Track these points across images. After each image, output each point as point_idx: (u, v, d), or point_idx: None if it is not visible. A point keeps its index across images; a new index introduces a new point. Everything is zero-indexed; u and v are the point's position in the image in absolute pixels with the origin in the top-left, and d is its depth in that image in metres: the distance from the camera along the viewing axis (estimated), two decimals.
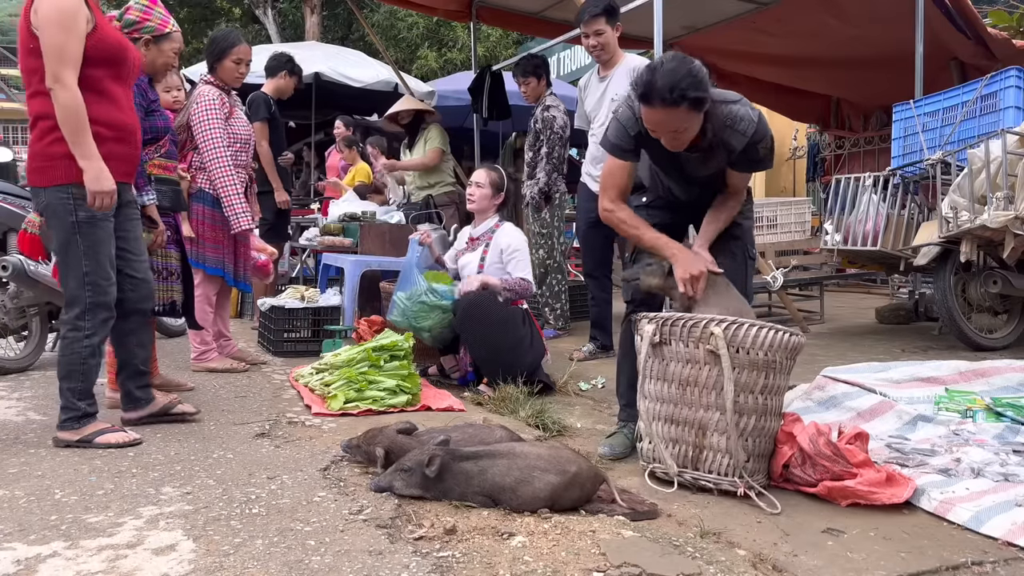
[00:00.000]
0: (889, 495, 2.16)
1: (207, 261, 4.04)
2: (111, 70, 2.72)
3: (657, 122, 2.38)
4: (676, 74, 2.28)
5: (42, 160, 2.69)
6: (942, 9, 5.89)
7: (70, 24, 2.56)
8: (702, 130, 2.44)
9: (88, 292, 2.71)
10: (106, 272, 2.74)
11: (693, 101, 2.29)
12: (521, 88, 5.23)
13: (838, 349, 4.55)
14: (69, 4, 2.57)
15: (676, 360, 2.33)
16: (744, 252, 2.77)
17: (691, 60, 2.36)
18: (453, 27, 15.78)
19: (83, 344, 2.72)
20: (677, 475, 2.32)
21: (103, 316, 2.75)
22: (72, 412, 2.73)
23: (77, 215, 2.67)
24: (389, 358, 3.45)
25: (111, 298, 2.77)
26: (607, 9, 4.17)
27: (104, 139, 2.68)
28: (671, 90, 2.27)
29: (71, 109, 2.58)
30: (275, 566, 1.78)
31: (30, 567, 1.79)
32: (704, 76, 2.33)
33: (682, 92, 2.27)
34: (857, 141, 8.57)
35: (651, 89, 2.30)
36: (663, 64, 2.34)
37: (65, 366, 2.74)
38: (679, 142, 2.44)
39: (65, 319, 2.76)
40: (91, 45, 2.63)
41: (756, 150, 2.49)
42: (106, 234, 2.75)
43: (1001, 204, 3.92)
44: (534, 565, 1.77)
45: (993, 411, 2.88)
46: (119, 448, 2.70)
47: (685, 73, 2.29)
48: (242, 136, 4.16)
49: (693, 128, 2.40)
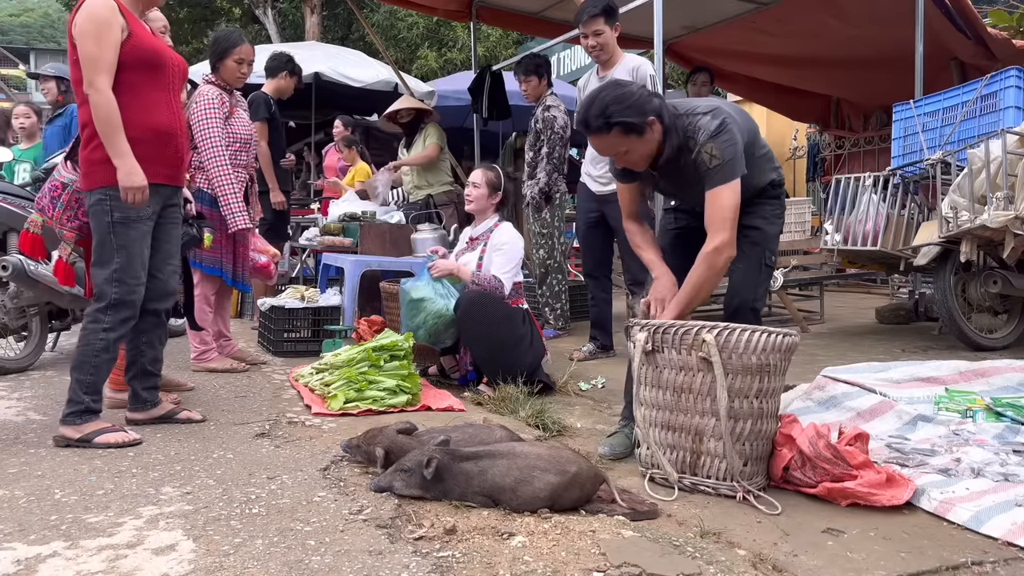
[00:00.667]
0: (889, 497, 2.16)
1: (204, 261, 4.03)
2: (148, 75, 2.80)
3: (597, 147, 2.51)
4: (604, 102, 2.41)
5: (86, 166, 2.82)
6: (942, 9, 5.89)
7: (103, 32, 2.69)
8: (662, 146, 2.50)
9: (115, 288, 2.79)
10: (135, 272, 2.82)
11: (622, 125, 2.39)
12: (522, 87, 5.23)
13: (838, 349, 4.56)
14: (102, 14, 2.70)
15: (670, 367, 2.33)
16: (760, 259, 2.69)
17: (628, 85, 2.47)
18: (453, 27, 15.79)
19: (99, 337, 2.78)
20: (677, 481, 2.32)
21: (124, 315, 2.82)
22: (76, 405, 2.77)
23: (113, 215, 2.79)
24: (389, 358, 3.45)
25: (137, 298, 2.83)
26: (605, 9, 4.17)
27: (141, 142, 2.78)
28: (598, 117, 2.40)
29: (103, 110, 2.69)
30: (275, 566, 1.78)
31: (30, 567, 1.79)
32: (639, 100, 2.40)
33: (608, 118, 2.39)
34: (857, 141, 8.57)
35: (583, 118, 2.45)
36: (599, 93, 2.45)
37: (79, 356, 2.80)
38: (630, 162, 2.53)
39: (88, 311, 2.83)
40: (126, 51, 2.74)
41: (702, 155, 2.43)
42: (139, 235, 2.83)
43: (1001, 204, 3.92)
44: (534, 565, 1.77)
45: (993, 411, 2.88)
46: (119, 448, 2.70)
47: (613, 100, 2.40)
48: (242, 136, 4.16)
49: (638, 149, 2.47)
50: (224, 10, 17.72)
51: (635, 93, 2.42)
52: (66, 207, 3.19)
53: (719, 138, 2.42)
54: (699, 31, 7.31)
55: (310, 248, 6.66)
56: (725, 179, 2.43)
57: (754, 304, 2.73)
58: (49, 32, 48.49)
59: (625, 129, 2.40)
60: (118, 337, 2.83)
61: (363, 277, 4.88)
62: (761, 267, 2.71)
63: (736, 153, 2.44)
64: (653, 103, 2.43)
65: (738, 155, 2.45)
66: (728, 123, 2.44)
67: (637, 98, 2.40)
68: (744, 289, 2.69)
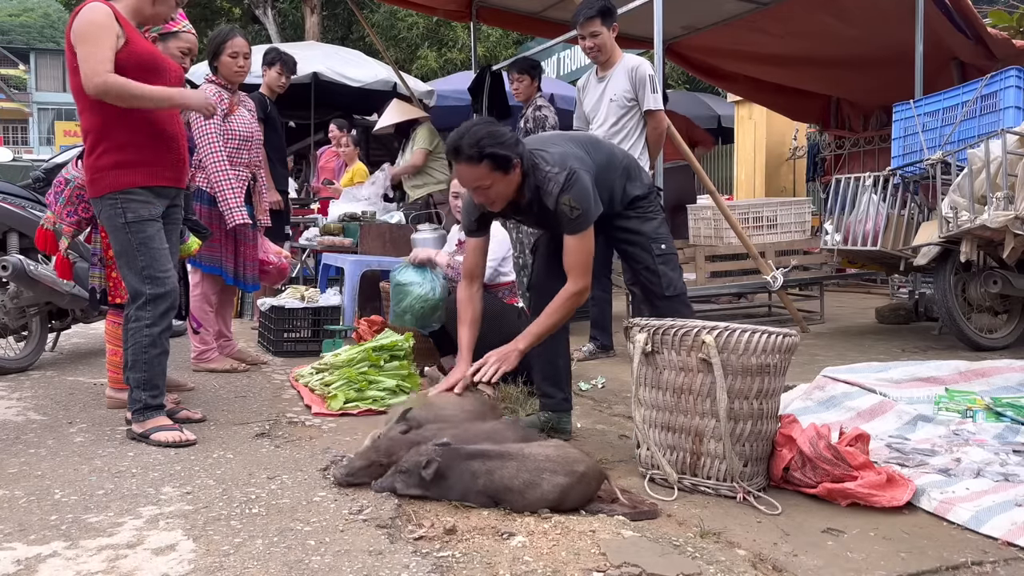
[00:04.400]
0: (889, 498, 2.16)
1: (203, 260, 4.03)
2: (147, 80, 2.81)
3: (462, 177, 2.59)
4: (479, 134, 2.50)
5: (92, 172, 2.85)
6: (942, 9, 5.89)
7: (100, 33, 2.71)
8: (521, 191, 2.61)
9: (148, 285, 2.84)
10: (162, 265, 2.87)
11: (492, 158, 2.48)
12: (513, 85, 5.26)
13: (838, 349, 4.56)
14: (99, 18, 2.72)
15: (669, 368, 2.33)
16: (649, 253, 2.96)
17: (497, 125, 2.60)
18: (453, 27, 15.78)
19: (144, 334, 2.83)
20: (677, 482, 2.32)
21: (163, 307, 2.87)
22: (136, 403, 2.84)
23: (126, 217, 2.82)
24: (389, 358, 3.45)
25: (170, 289, 2.88)
26: (602, 10, 4.17)
27: (143, 146, 2.83)
28: (472, 146, 2.48)
29: (116, 88, 2.69)
30: (275, 566, 1.78)
31: (30, 567, 1.79)
32: (510, 141, 2.53)
33: (480, 149, 2.47)
34: (857, 141, 8.56)
35: (456, 145, 2.53)
36: (473, 124, 2.57)
37: (130, 356, 2.87)
38: (489, 199, 2.61)
39: (128, 312, 2.89)
40: (124, 57, 2.75)
41: (561, 208, 2.57)
42: (155, 231, 2.87)
43: (1001, 204, 3.92)
44: (534, 565, 1.77)
45: (993, 411, 2.88)
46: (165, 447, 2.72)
47: (487, 134, 2.51)
48: (242, 133, 4.15)
49: (499, 187, 2.57)
50: (224, 10, 17.72)
51: (507, 134, 2.55)
52: (67, 202, 3.23)
53: (572, 190, 2.56)
54: (699, 31, 7.31)
55: (310, 248, 6.66)
56: (583, 226, 2.60)
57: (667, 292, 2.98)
58: (49, 32, 48.50)
59: (494, 163, 2.50)
60: (162, 331, 2.88)
61: (363, 277, 4.88)
62: (654, 259, 2.96)
63: (589, 197, 2.60)
64: (520, 148, 2.57)
65: (592, 198, 2.61)
66: (575, 172, 2.59)
67: (509, 138, 2.54)
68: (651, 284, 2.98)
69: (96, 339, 5.13)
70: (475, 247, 2.85)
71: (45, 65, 45.89)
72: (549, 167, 2.59)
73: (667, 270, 2.99)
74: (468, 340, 2.78)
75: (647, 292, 3.05)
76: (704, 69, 8.49)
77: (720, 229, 5.58)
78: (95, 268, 3.35)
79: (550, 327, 2.69)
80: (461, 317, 2.83)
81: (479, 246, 2.85)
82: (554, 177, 2.56)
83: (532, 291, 2.99)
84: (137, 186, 2.83)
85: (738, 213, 5.52)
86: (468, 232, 2.87)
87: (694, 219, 5.97)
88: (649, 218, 2.99)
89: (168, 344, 2.94)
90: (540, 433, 2.66)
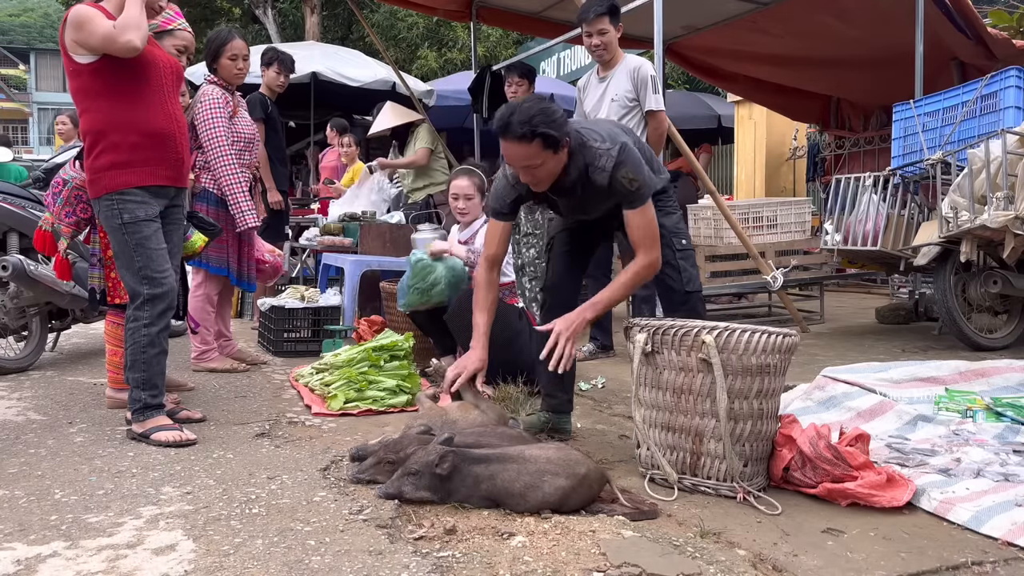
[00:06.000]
0: (889, 498, 2.16)
1: (211, 261, 4.03)
2: (138, 76, 2.82)
3: (511, 155, 2.51)
4: (530, 112, 2.43)
5: (91, 173, 2.87)
6: (942, 9, 5.89)
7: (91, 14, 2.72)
8: (566, 171, 2.57)
9: (145, 285, 2.85)
10: (159, 265, 2.87)
11: (544, 137, 2.43)
12: (511, 88, 5.25)
13: (838, 349, 4.56)
14: (87, 13, 2.73)
15: (669, 368, 2.33)
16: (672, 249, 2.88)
17: (548, 102, 2.53)
18: (453, 27, 15.79)
19: (142, 333, 2.84)
20: (677, 482, 2.32)
21: (161, 307, 2.87)
22: (136, 403, 2.85)
23: (122, 218, 2.84)
24: (389, 358, 3.45)
25: (168, 289, 2.88)
26: (611, 9, 4.17)
27: (138, 146, 2.83)
28: (524, 124, 2.42)
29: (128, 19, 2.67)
30: (275, 566, 1.78)
31: (30, 567, 1.79)
32: (561, 119, 2.47)
33: (533, 128, 2.41)
34: (857, 141, 8.56)
35: (506, 122, 2.47)
36: (523, 103, 2.51)
37: (128, 356, 2.88)
38: (536, 179, 2.56)
39: (128, 312, 2.90)
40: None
41: (620, 182, 2.54)
42: (152, 231, 2.88)
43: (1001, 204, 3.92)
44: (534, 565, 1.77)
45: (993, 411, 2.88)
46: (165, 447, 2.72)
47: (539, 111, 2.43)
48: (246, 135, 4.16)
49: (549, 166, 2.52)
50: (224, 10, 17.73)
51: (558, 112, 2.49)
52: (65, 203, 3.23)
53: (628, 164, 2.53)
54: (699, 31, 7.30)
55: (310, 248, 6.66)
56: (644, 199, 2.57)
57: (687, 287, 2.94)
58: (49, 32, 48.42)
59: (545, 142, 2.45)
60: (160, 330, 2.88)
61: (363, 277, 4.88)
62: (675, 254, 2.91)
63: (643, 169, 2.58)
64: (568, 127, 2.52)
65: (648, 172, 2.60)
66: (627, 145, 2.57)
67: (560, 116, 2.48)
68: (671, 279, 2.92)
69: (96, 339, 5.13)
70: (501, 232, 2.76)
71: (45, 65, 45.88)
72: (599, 143, 2.54)
73: (687, 265, 2.95)
74: (484, 325, 2.71)
75: (665, 288, 3.00)
76: (704, 69, 8.48)
77: (720, 229, 5.58)
78: (94, 268, 3.35)
79: (618, 299, 2.67)
80: (478, 301, 2.75)
81: (505, 231, 2.77)
82: (605, 152, 2.52)
83: (547, 291, 2.95)
84: (133, 186, 2.83)
85: (738, 213, 5.52)
86: (498, 215, 2.77)
87: (694, 219, 5.97)
88: (669, 212, 2.96)
89: (167, 344, 2.95)
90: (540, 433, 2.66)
